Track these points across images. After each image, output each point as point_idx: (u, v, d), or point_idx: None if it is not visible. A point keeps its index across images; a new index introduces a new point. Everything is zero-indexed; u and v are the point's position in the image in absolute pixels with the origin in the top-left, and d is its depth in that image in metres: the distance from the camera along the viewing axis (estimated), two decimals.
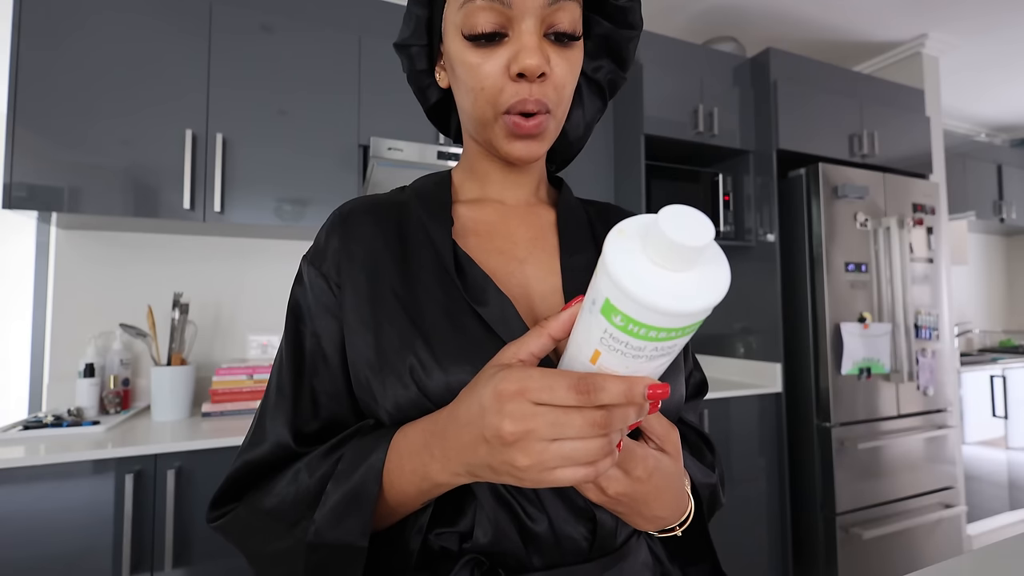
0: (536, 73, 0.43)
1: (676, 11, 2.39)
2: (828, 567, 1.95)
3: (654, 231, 0.26)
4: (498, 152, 0.48)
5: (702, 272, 0.27)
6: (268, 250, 1.90)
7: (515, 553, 0.41)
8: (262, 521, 0.42)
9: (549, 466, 0.31)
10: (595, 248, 0.52)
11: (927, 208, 2.27)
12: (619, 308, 0.27)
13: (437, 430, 0.37)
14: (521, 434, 0.30)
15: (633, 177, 2.06)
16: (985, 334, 3.67)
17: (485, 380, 0.33)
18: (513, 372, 0.31)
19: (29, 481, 1.12)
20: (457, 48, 0.45)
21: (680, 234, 0.25)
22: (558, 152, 0.58)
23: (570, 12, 0.44)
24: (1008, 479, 2.80)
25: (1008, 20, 2.46)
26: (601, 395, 0.29)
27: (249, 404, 1.55)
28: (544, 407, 0.30)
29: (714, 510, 0.51)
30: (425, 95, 0.54)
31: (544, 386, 0.30)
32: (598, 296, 0.28)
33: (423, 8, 0.48)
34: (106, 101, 1.45)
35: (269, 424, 0.45)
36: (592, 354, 0.30)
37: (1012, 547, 0.65)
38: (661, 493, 0.39)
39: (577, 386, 0.29)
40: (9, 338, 3.37)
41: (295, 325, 0.47)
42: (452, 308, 0.44)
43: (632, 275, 0.26)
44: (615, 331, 0.28)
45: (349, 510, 0.39)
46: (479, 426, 0.32)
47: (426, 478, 0.37)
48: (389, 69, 1.75)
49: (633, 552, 0.45)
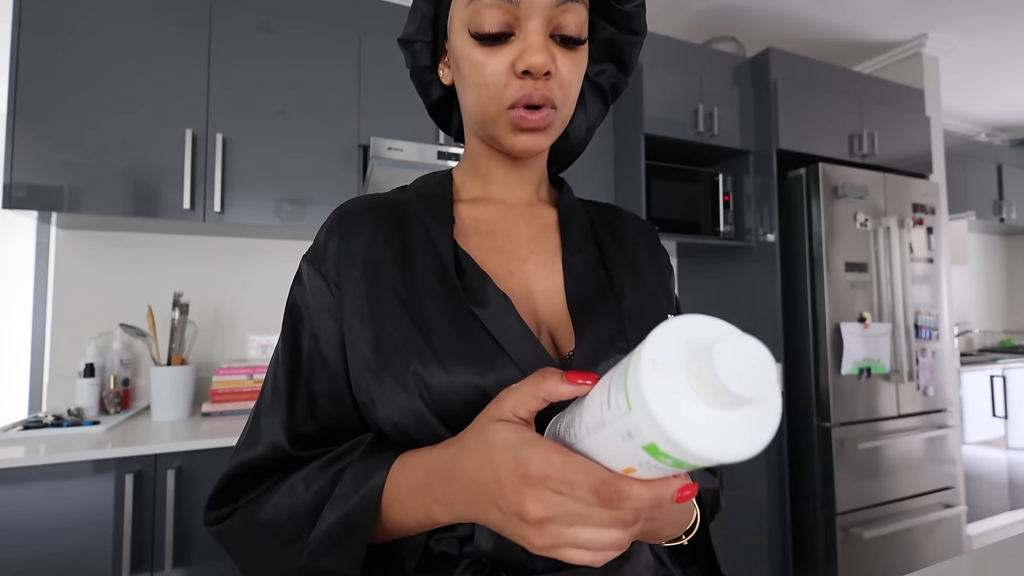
0: (542, 71, 0.43)
1: (676, 11, 2.39)
2: (828, 567, 1.95)
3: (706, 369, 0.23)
4: (502, 146, 0.48)
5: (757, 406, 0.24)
6: (268, 250, 1.90)
7: (517, 556, 0.40)
8: (257, 535, 0.42)
9: (562, 547, 0.30)
10: (596, 247, 0.52)
11: (927, 208, 2.27)
12: (670, 454, 0.24)
13: (440, 473, 0.36)
14: (543, 519, 0.30)
15: (633, 177, 2.06)
16: (985, 334, 3.67)
17: (501, 449, 0.32)
18: (535, 453, 0.30)
19: (29, 481, 1.12)
20: (463, 45, 0.45)
21: (740, 381, 0.22)
22: (560, 153, 0.58)
23: (576, 15, 0.44)
24: (1008, 479, 2.80)
25: (1008, 20, 2.46)
26: (625, 503, 0.28)
27: (249, 404, 1.55)
28: (568, 498, 0.29)
29: (715, 513, 0.51)
30: (427, 92, 0.54)
31: (564, 480, 0.29)
32: (637, 433, 0.25)
33: (430, 4, 0.48)
34: (106, 101, 1.45)
35: (264, 425, 0.44)
36: (625, 468, 0.28)
37: (1012, 547, 0.65)
38: (673, 520, 0.40)
39: (600, 491, 0.28)
40: (9, 338, 3.37)
41: (293, 325, 0.47)
42: (454, 308, 0.43)
43: (686, 430, 0.23)
44: (657, 463, 0.26)
45: (343, 538, 0.38)
46: (493, 495, 0.32)
47: (428, 516, 0.37)
48: (389, 69, 1.75)
49: (635, 554, 0.45)
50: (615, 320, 0.46)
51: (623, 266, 0.51)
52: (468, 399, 0.40)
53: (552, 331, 0.46)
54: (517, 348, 0.42)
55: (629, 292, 0.49)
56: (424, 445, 0.40)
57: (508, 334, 0.42)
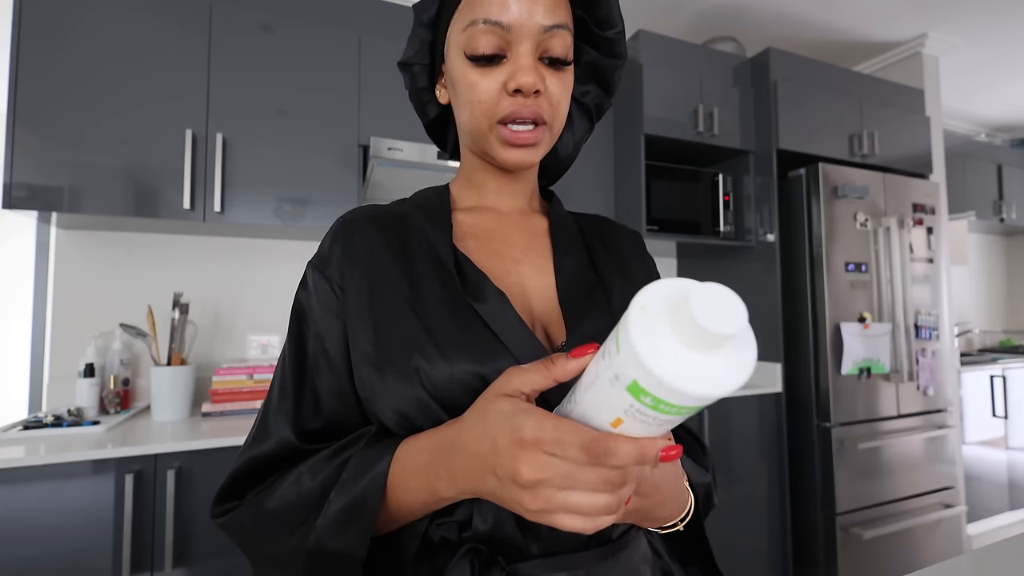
0: (531, 90, 0.47)
1: (676, 11, 2.39)
2: (828, 567, 1.95)
3: (684, 313, 0.25)
4: (495, 159, 0.51)
5: (732, 351, 0.27)
6: (268, 250, 1.90)
7: (513, 541, 0.42)
8: (264, 522, 0.44)
9: (554, 511, 0.32)
10: (586, 252, 0.56)
11: (927, 208, 2.27)
12: (649, 391, 0.27)
13: (443, 450, 0.38)
14: (536, 481, 0.32)
15: (633, 177, 2.06)
16: (985, 334, 3.67)
17: (499, 418, 0.34)
18: (530, 419, 0.32)
19: (29, 481, 1.12)
20: (459, 67, 0.49)
21: (714, 321, 0.25)
22: (549, 168, 0.62)
23: (562, 39, 0.48)
24: (1008, 479, 2.80)
25: (1008, 20, 2.46)
26: (612, 460, 0.30)
27: (249, 404, 1.55)
28: (559, 459, 0.31)
29: (708, 509, 0.53)
30: (425, 111, 0.58)
31: (557, 441, 0.31)
32: (622, 374, 0.28)
33: (428, 31, 0.53)
34: (106, 101, 1.45)
35: (272, 422, 0.47)
36: (613, 420, 0.30)
37: (1012, 547, 0.65)
38: (666, 500, 0.42)
39: (588, 448, 0.30)
40: (9, 338, 3.37)
41: (298, 327, 0.49)
42: (455, 304, 0.46)
43: (664, 362, 0.26)
44: (643, 407, 0.28)
45: (350, 521, 0.40)
46: (491, 462, 0.34)
47: (432, 494, 0.39)
48: (389, 69, 1.75)
49: (632, 544, 0.47)
50: (604, 315, 0.49)
51: (612, 269, 0.55)
52: (469, 386, 0.42)
53: (546, 326, 0.49)
54: (514, 340, 0.45)
55: (618, 291, 0.53)
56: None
57: (506, 327, 0.45)
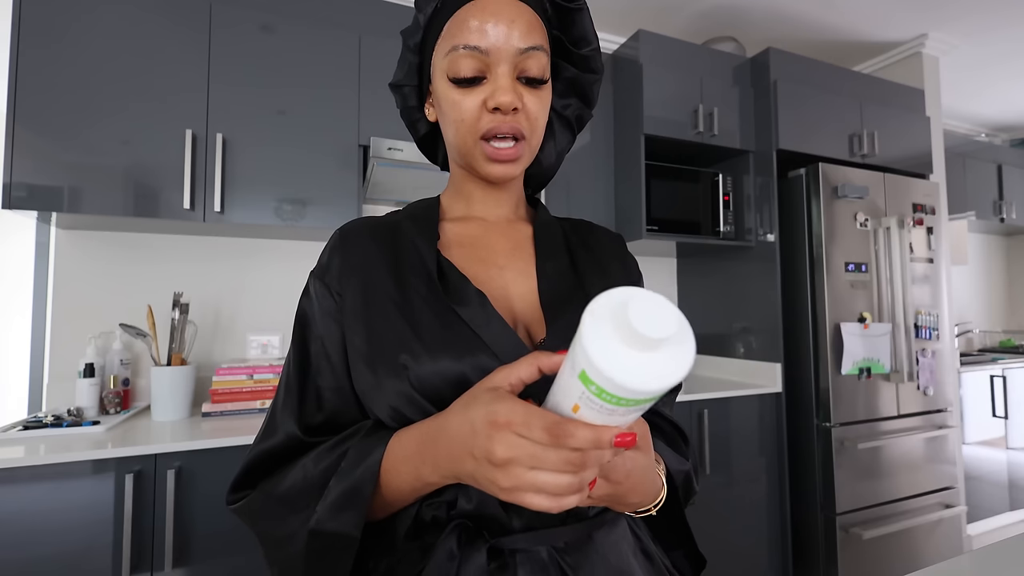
0: (509, 108, 0.51)
1: (676, 11, 2.39)
2: (828, 567, 1.95)
3: (623, 316, 0.30)
4: (479, 173, 0.56)
5: (670, 352, 0.31)
6: (268, 250, 1.90)
7: (497, 517, 0.47)
8: (273, 506, 0.49)
9: (523, 490, 0.35)
10: (568, 256, 0.60)
11: (927, 208, 2.27)
12: (593, 380, 0.31)
13: (429, 439, 0.43)
14: (506, 460, 0.35)
15: (633, 177, 2.06)
16: (985, 334, 3.67)
17: (478, 404, 0.38)
18: (504, 404, 0.36)
19: (29, 481, 1.12)
20: (443, 88, 0.53)
21: (647, 326, 0.29)
22: (534, 177, 0.66)
23: (538, 60, 0.52)
24: (1008, 479, 2.80)
25: (1008, 20, 2.46)
26: (570, 441, 0.33)
27: (249, 404, 1.55)
28: (527, 440, 0.35)
29: (689, 496, 0.56)
30: (416, 128, 0.63)
31: (524, 423, 0.35)
32: (576, 364, 0.32)
33: (415, 55, 0.57)
34: (106, 101, 1.45)
35: (280, 418, 0.52)
36: (572, 406, 0.34)
37: (1012, 547, 0.65)
38: (637, 487, 0.44)
39: (550, 429, 0.34)
40: (9, 338, 3.37)
41: (301, 332, 0.54)
42: (438, 307, 0.50)
43: (604, 356, 0.30)
44: (590, 395, 0.32)
45: (347, 505, 0.45)
46: (469, 444, 0.38)
47: (419, 479, 0.44)
48: (389, 69, 1.74)
49: (609, 523, 0.51)
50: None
51: (593, 271, 0.59)
52: (451, 380, 0.47)
53: (527, 326, 0.53)
54: (494, 338, 0.48)
55: (597, 292, 0.54)
56: None
57: (486, 326, 0.49)
